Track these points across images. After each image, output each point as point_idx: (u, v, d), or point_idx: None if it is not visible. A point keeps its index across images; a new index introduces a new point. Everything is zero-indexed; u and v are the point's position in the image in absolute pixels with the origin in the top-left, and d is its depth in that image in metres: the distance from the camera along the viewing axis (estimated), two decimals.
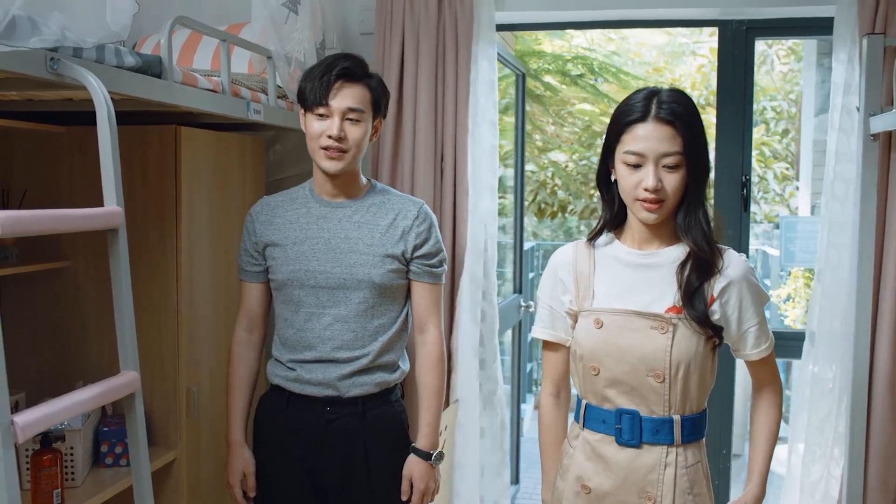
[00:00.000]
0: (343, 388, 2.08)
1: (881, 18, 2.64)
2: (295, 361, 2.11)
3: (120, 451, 2.28)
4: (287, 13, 2.51)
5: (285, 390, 2.13)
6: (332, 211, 2.11)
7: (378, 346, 2.09)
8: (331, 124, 2.00)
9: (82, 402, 1.41)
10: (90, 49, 1.64)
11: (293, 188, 2.22)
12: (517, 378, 4.32)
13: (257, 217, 2.16)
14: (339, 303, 2.07)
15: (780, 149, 7.95)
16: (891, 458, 2.71)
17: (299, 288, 2.08)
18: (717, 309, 1.71)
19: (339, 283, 2.06)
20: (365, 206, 2.12)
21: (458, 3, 2.87)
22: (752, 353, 1.78)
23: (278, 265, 2.10)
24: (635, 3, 2.98)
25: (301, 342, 2.10)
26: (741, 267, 1.73)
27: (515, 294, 4.12)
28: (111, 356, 2.37)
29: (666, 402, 1.70)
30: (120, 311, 1.56)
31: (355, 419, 2.10)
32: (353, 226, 2.09)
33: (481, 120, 2.93)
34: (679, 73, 8.24)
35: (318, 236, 2.09)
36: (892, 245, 2.66)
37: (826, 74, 5.34)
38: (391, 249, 2.08)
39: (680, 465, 1.71)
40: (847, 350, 2.75)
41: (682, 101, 1.68)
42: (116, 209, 1.55)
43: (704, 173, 1.71)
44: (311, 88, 2.02)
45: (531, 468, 4.89)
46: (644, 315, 1.70)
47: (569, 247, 1.88)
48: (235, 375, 2.20)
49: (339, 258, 2.07)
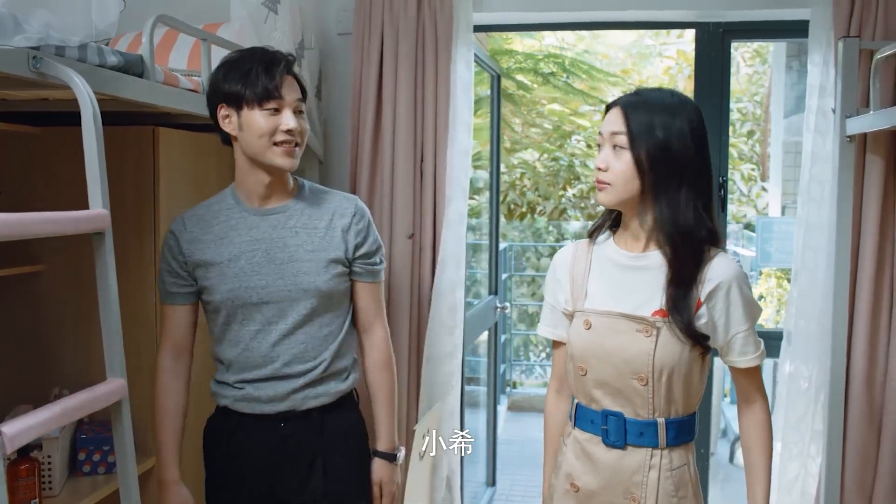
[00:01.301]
0: (297, 402, 1.97)
1: (856, 21, 2.68)
2: (243, 381, 1.97)
3: (98, 458, 2.23)
4: (266, 12, 2.48)
5: (234, 411, 2.00)
6: (262, 219, 1.96)
7: (329, 355, 1.98)
8: (284, 118, 1.87)
9: (70, 410, 1.37)
10: (73, 48, 1.60)
11: (212, 199, 2.04)
12: (493, 380, 4.31)
13: (181, 235, 1.98)
14: (285, 316, 1.94)
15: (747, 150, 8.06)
16: (867, 456, 2.75)
17: (241, 306, 1.94)
18: (705, 313, 1.69)
19: (284, 295, 1.93)
20: (298, 210, 1.98)
21: (437, 4, 2.86)
22: (738, 360, 1.76)
23: (215, 285, 1.94)
24: (612, 5, 2.99)
25: (248, 361, 1.96)
26: (731, 271, 1.70)
27: (491, 295, 4.12)
28: (88, 362, 2.35)
29: (650, 404, 1.70)
30: (106, 316, 1.53)
31: (312, 433, 1.99)
32: (290, 232, 1.96)
33: (458, 122, 2.92)
34: (646, 75, 8.31)
35: (254, 248, 1.94)
36: (867, 245, 2.70)
37: (795, 77, 5.42)
38: (334, 253, 1.97)
39: (664, 468, 1.71)
40: (823, 349, 2.79)
41: (649, 93, 1.71)
42: (103, 212, 1.52)
43: (670, 168, 1.65)
44: (256, 82, 1.85)
45: (508, 470, 4.90)
46: (630, 318, 1.70)
47: (570, 246, 1.90)
48: (163, 408, 2.01)
49: (280, 269, 1.93)
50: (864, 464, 2.75)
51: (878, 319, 2.73)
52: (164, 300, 2.02)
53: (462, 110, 2.91)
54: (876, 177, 2.69)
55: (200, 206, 2.03)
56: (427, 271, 2.90)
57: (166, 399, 2.02)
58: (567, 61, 7.16)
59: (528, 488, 4.74)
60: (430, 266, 2.91)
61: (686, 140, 1.66)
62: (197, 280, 1.97)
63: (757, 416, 1.79)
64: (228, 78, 1.88)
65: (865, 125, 2.54)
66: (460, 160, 2.91)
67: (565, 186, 8.21)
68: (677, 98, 1.71)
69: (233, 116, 1.90)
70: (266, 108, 1.86)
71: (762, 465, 1.78)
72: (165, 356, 2.03)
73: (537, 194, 8.17)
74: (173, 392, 2.02)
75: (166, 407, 2.02)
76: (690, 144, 1.67)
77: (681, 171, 1.66)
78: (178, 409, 2.03)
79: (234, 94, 1.87)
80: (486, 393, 4.35)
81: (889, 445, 2.72)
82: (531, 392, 6.98)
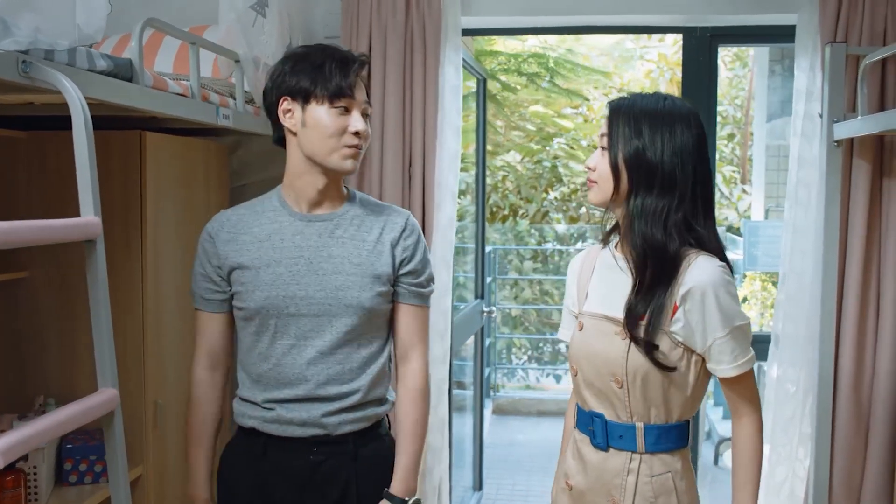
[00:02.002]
0: (332, 427, 1.81)
1: (842, 26, 2.69)
2: (273, 401, 1.82)
3: (84, 468, 2.20)
4: (255, 16, 2.46)
5: (262, 433, 1.83)
6: (308, 225, 1.83)
7: (368, 380, 1.83)
8: (353, 119, 1.76)
9: (63, 422, 1.34)
10: (62, 52, 1.57)
11: (255, 199, 1.92)
12: (480, 384, 4.30)
13: (217, 235, 1.84)
14: (322, 332, 1.79)
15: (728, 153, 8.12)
16: (855, 458, 2.77)
17: (276, 317, 1.80)
18: (682, 317, 1.63)
19: (324, 309, 1.79)
20: (347, 219, 1.85)
21: (426, 8, 2.84)
22: (716, 369, 1.66)
23: (249, 291, 1.80)
24: (601, 9, 2.99)
25: (279, 378, 1.81)
26: (707, 275, 1.62)
27: (478, 300, 4.11)
28: (73, 370, 2.31)
29: (628, 408, 1.68)
30: (98, 325, 1.50)
31: (346, 458, 1.83)
32: (336, 242, 1.82)
33: (446, 125, 2.91)
34: (628, 79, 8.34)
35: (297, 256, 1.80)
36: (854, 249, 2.72)
37: (778, 81, 5.47)
38: (380, 269, 1.82)
39: (644, 474, 1.68)
40: (811, 353, 2.80)
41: (638, 97, 1.70)
42: (94, 219, 1.49)
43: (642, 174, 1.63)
44: (330, 78, 1.74)
45: (494, 474, 4.89)
46: (611, 320, 1.70)
47: (584, 250, 1.91)
48: (199, 422, 1.89)
49: (322, 281, 1.79)
50: (852, 466, 2.77)
51: (864, 322, 2.75)
52: (198, 306, 1.88)
53: (451, 114, 2.90)
54: (862, 181, 2.70)
55: (242, 206, 1.90)
56: None
57: (203, 412, 1.89)
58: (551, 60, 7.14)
59: (514, 492, 4.73)
60: None
61: (665, 149, 1.62)
62: (231, 285, 1.84)
63: (742, 430, 1.70)
64: (297, 70, 1.77)
65: (853, 130, 2.55)
66: (449, 164, 2.90)
67: (547, 189, 8.22)
68: (669, 105, 1.67)
69: (296, 111, 1.77)
70: (336, 107, 1.75)
71: (743, 485, 1.69)
72: (201, 367, 1.89)
73: (520, 197, 8.17)
74: (211, 405, 1.90)
75: (203, 421, 1.89)
76: (671, 153, 1.62)
77: (654, 179, 1.63)
78: (215, 424, 1.91)
79: (303, 88, 1.76)
80: (473, 397, 4.34)
81: (876, 447, 2.74)
82: (515, 395, 6.98)
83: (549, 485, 1.97)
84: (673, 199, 1.64)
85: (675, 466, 1.71)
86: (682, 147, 1.64)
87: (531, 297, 7.88)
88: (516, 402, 6.67)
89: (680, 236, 1.64)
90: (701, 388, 1.72)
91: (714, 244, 1.68)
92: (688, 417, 1.73)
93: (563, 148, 7.98)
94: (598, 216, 1.85)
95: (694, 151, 1.65)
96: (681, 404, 1.69)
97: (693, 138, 1.65)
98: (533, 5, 3.01)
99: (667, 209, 1.63)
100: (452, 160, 2.91)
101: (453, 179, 2.90)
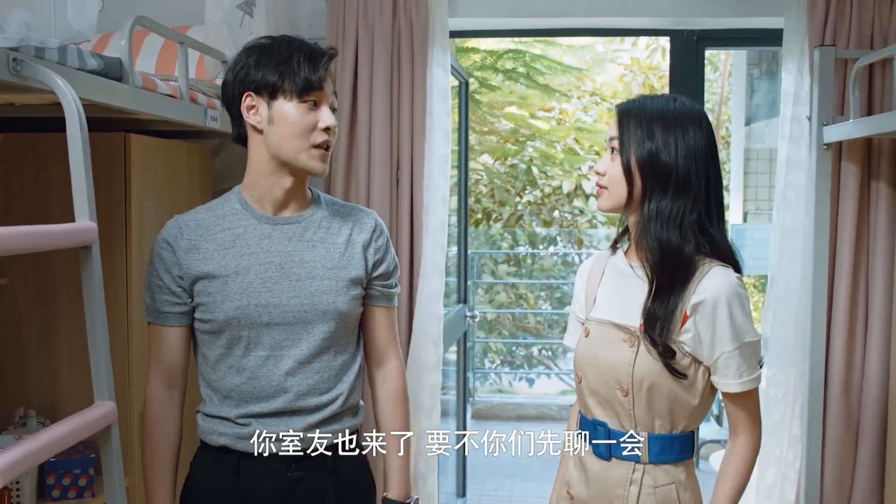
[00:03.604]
0: (310, 441, 1.72)
1: (830, 29, 2.71)
2: (249, 416, 1.70)
3: (68, 482, 2.13)
4: (242, 16, 2.40)
5: (234, 451, 1.71)
6: (276, 229, 1.72)
7: (346, 388, 1.75)
8: (323, 114, 1.66)
9: (61, 438, 1.27)
10: (53, 49, 1.51)
11: (211, 202, 1.78)
12: (462, 389, 4.26)
13: (176, 243, 1.69)
14: (299, 340, 1.70)
15: None
16: (845, 460, 2.78)
17: (249, 327, 1.68)
18: (691, 327, 1.60)
19: (300, 317, 1.69)
20: (315, 222, 1.75)
21: (413, 9, 2.80)
22: (719, 382, 1.63)
23: (217, 302, 1.67)
24: (587, 12, 2.98)
25: (255, 392, 1.69)
26: (721, 286, 1.58)
27: (461, 304, 4.07)
28: (54, 380, 2.24)
29: (632, 417, 1.65)
30: (94, 335, 1.43)
31: (325, 473, 1.75)
32: (307, 246, 1.72)
33: (435, 128, 2.87)
34: (600, 83, 8.36)
35: (267, 262, 1.69)
36: (844, 251, 2.73)
37: (756, 84, 5.53)
38: (354, 272, 1.75)
39: (647, 485, 1.64)
40: (800, 355, 2.81)
41: (648, 99, 1.67)
42: (90, 225, 1.42)
43: (657, 177, 1.61)
44: (297, 71, 1.64)
45: (477, 480, 4.85)
46: (619, 327, 1.67)
47: (594, 255, 1.87)
48: (157, 443, 1.73)
49: (296, 287, 1.69)
50: (843, 468, 2.78)
51: (854, 325, 2.76)
52: (153, 320, 1.73)
53: (440, 116, 2.86)
54: (852, 183, 2.72)
55: (199, 210, 1.76)
56: (404, 281, 2.84)
57: (160, 433, 1.73)
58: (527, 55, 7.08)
59: (496, 498, 4.70)
60: (408, 276, 2.85)
61: (679, 151, 1.60)
62: (194, 296, 1.71)
63: (735, 447, 1.66)
64: (262, 64, 1.65)
65: (844, 133, 2.56)
66: (439, 167, 2.86)
67: (521, 193, 8.21)
68: (679, 106, 1.66)
69: (261, 107, 1.66)
70: (305, 101, 1.65)
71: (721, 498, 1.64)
72: (158, 386, 1.74)
73: (493, 200, 8.15)
74: (169, 426, 1.74)
75: (160, 442, 1.73)
76: (685, 155, 1.60)
77: (668, 181, 1.61)
78: (175, 445, 1.76)
79: (269, 82, 1.64)
80: (455, 402, 4.30)
81: (867, 450, 2.75)
82: (494, 400, 6.95)
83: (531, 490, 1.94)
84: (688, 201, 1.61)
85: (679, 477, 1.67)
86: (695, 148, 1.61)
87: (507, 301, 7.86)
88: (495, 407, 6.64)
89: (695, 239, 1.61)
90: (709, 399, 1.68)
91: (727, 249, 1.65)
92: (692, 428, 1.69)
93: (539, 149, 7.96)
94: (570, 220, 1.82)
95: (707, 153, 1.63)
96: (687, 415, 1.65)
97: (705, 139, 1.63)
98: (519, 7, 2.98)
99: (682, 212, 1.61)
100: (442, 163, 2.87)
101: (444, 183, 2.86)
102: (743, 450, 1.65)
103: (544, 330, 7.88)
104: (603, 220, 7.73)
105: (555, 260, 7.75)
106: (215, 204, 1.76)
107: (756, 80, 5.55)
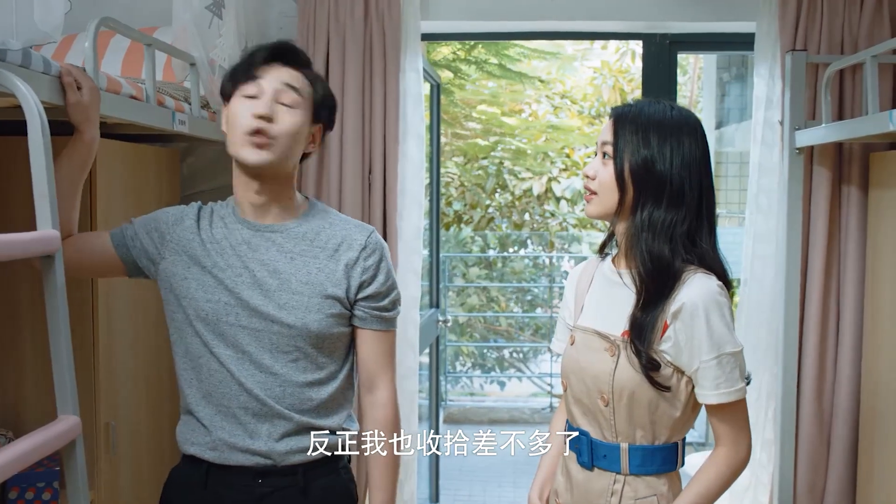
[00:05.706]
0: (278, 456, 1.66)
1: (801, 34, 2.72)
2: (213, 424, 1.67)
3: (31, 496, 2.06)
4: (211, 17, 2.35)
5: (203, 461, 1.68)
6: (255, 235, 1.68)
7: (313, 406, 1.68)
8: (255, 104, 1.61)
9: (25, 454, 1.22)
10: (15, 52, 1.45)
11: (223, 202, 1.78)
12: (435, 394, 4.24)
13: (181, 222, 1.72)
14: (262, 350, 1.65)
15: None
16: (818, 463, 2.79)
17: (216, 323, 1.65)
18: (672, 335, 1.57)
19: (264, 326, 1.64)
20: (300, 233, 1.69)
21: (385, 11, 2.77)
22: (700, 393, 1.58)
23: (191, 290, 1.65)
24: (560, 15, 2.97)
25: (219, 395, 1.66)
26: (700, 294, 1.55)
27: (433, 308, 4.05)
28: (16, 392, 2.16)
29: (613, 427, 1.63)
30: (57, 348, 1.38)
31: (295, 492, 1.67)
32: (284, 257, 1.67)
33: (409, 133, 2.85)
34: (570, 85, 8.37)
35: (242, 267, 1.66)
36: (816, 255, 2.74)
37: (726, 89, 5.56)
38: (332, 289, 1.67)
39: (627, 496, 1.62)
40: (772, 359, 2.82)
41: (645, 105, 1.64)
42: (53, 233, 1.37)
43: (650, 186, 1.58)
44: (238, 68, 1.64)
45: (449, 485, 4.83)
46: (601, 335, 1.65)
47: (583, 262, 1.85)
48: None
49: (266, 297, 1.65)
50: (815, 471, 2.79)
51: (826, 328, 2.77)
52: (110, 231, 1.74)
53: (413, 121, 2.84)
54: (823, 187, 2.73)
55: (210, 206, 1.77)
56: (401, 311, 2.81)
57: None
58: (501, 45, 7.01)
59: (470, 502, 4.68)
60: None
61: (674, 160, 1.58)
62: (160, 274, 1.70)
63: (714, 459, 1.60)
64: (227, 74, 1.68)
65: (816, 138, 2.57)
66: (413, 172, 2.84)
67: (491, 195, 8.19)
68: (676, 115, 1.63)
69: (224, 115, 1.67)
70: (245, 96, 1.61)
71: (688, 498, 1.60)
72: None
73: (464, 203, 8.12)
74: None
75: None
76: (680, 165, 1.58)
77: (662, 191, 1.58)
78: None
79: (225, 87, 1.66)
80: (428, 406, 4.27)
81: (838, 452, 2.77)
82: (466, 404, 6.93)
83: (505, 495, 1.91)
84: (680, 212, 1.58)
85: (661, 490, 1.63)
86: (690, 159, 1.59)
87: (478, 304, 7.84)
88: (467, 411, 6.62)
89: (685, 250, 1.59)
90: (693, 411, 1.64)
91: (715, 261, 1.61)
92: (676, 440, 1.65)
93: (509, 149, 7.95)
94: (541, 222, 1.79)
95: (701, 164, 1.61)
96: (669, 426, 1.62)
97: (700, 150, 1.61)
98: (492, 10, 2.96)
99: (674, 223, 1.58)
100: (417, 168, 2.84)
101: (418, 187, 2.84)
102: (719, 462, 1.59)
103: (515, 333, 7.88)
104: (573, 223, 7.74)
105: (526, 263, 7.75)
106: (221, 204, 1.77)
107: (726, 84, 5.59)
